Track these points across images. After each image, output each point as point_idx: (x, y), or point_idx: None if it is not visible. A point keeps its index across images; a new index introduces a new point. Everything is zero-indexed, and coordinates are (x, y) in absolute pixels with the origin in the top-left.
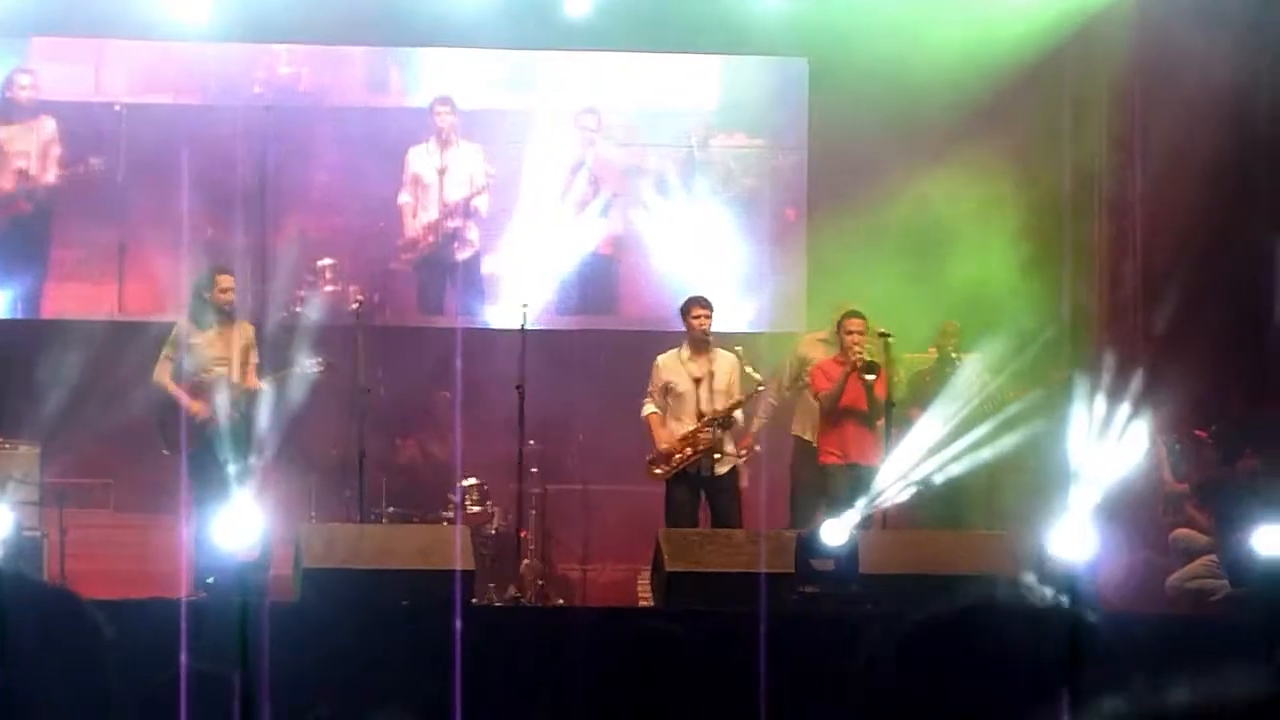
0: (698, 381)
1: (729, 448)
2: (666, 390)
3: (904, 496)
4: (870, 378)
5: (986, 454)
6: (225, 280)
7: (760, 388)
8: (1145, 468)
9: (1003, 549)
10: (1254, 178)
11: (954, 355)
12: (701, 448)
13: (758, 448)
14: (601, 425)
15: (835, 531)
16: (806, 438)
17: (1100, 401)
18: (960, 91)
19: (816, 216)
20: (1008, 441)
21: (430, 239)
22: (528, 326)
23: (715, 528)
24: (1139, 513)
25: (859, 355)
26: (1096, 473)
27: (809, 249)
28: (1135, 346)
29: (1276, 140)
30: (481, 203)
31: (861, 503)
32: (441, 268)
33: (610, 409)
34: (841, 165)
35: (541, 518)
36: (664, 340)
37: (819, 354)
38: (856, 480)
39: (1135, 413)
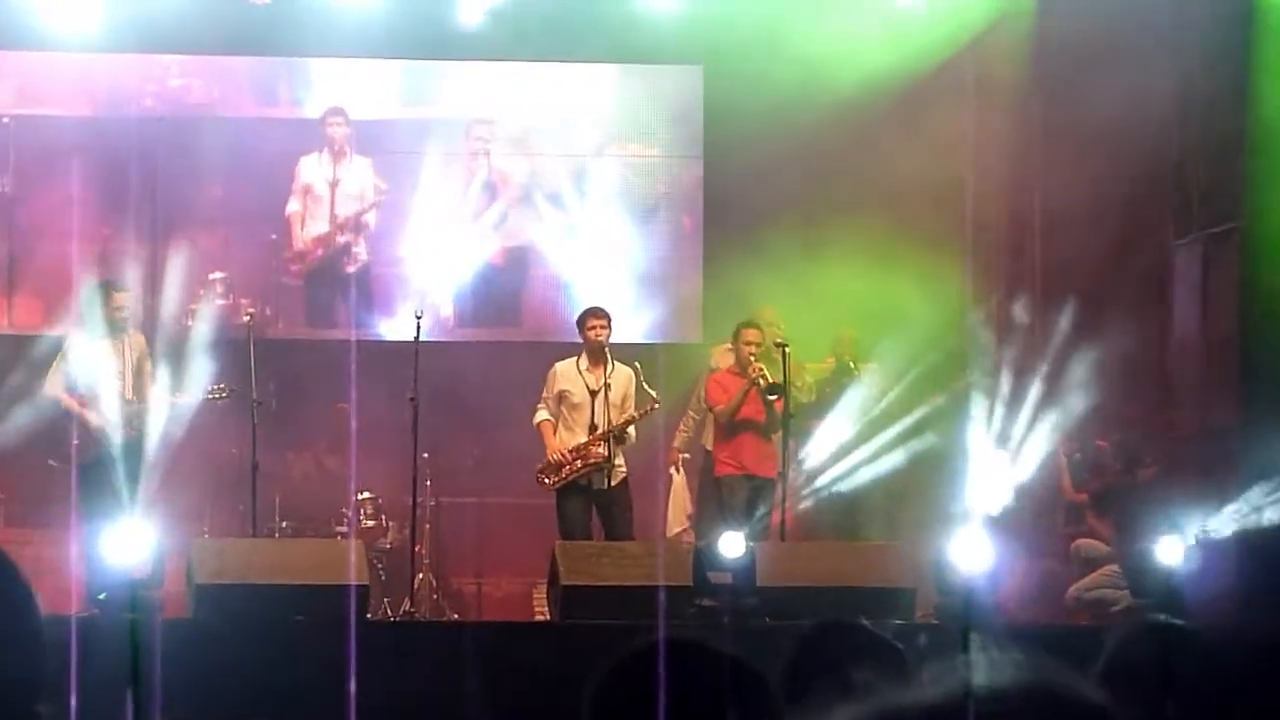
0: (594, 393)
1: (620, 462)
2: (561, 399)
3: (802, 507)
4: (773, 398)
5: (885, 464)
6: (120, 298)
7: (655, 405)
8: (1045, 476)
9: (901, 560)
10: (1158, 183)
11: (852, 364)
12: (592, 461)
13: (686, 456)
14: (497, 438)
15: (732, 544)
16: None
17: (999, 409)
18: (859, 97)
19: (713, 226)
20: (906, 451)
21: (320, 252)
22: (422, 339)
23: (608, 538)
24: (1039, 522)
25: (761, 374)
26: (995, 482)
27: (706, 258)
28: (1035, 354)
29: (1182, 147)
30: (372, 218)
31: (759, 514)
32: (332, 281)
33: (506, 421)
34: (738, 173)
35: (436, 531)
36: (563, 352)
37: (730, 363)
38: (754, 492)
39: (1034, 421)
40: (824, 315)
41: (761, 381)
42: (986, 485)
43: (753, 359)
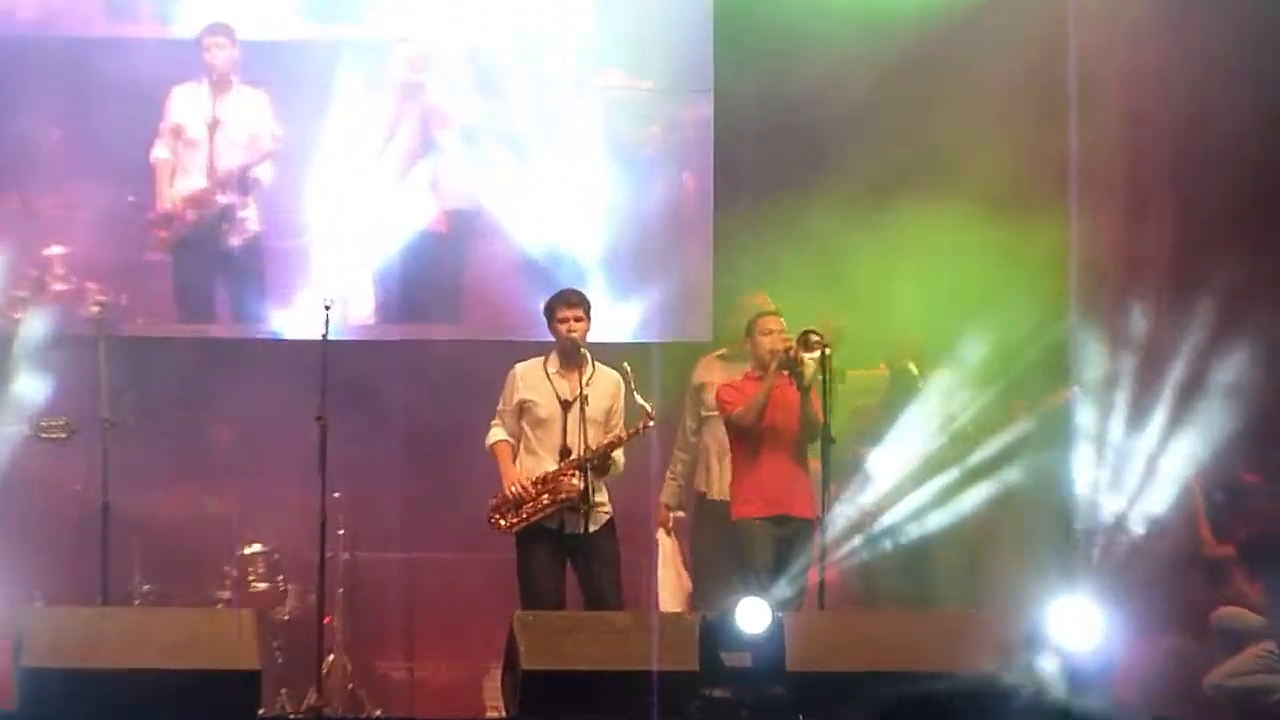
0: (567, 406)
1: (602, 499)
2: (523, 412)
3: (849, 563)
4: (810, 358)
5: (960, 504)
6: None
7: (650, 422)
8: (1176, 523)
9: (982, 635)
10: None
11: (914, 373)
12: (564, 497)
13: (679, 514)
14: (434, 470)
15: (754, 612)
16: (711, 494)
17: (1113, 434)
18: (926, 9)
19: (726, 185)
20: (988, 488)
21: (194, 216)
22: (332, 336)
23: (588, 607)
24: (1167, 584)
25: (787, 345)
26: (1109, 530)
27: (717, 229)
28: (1162, 358)
29: None
30: (265, 172)
31: (792, 571)
32: (210, 257)
33: (447, 447)
34: (759, 113)
35: (353, 597)
36: (524, 352)
37: (721, 378)
38: (785, 539)
39: (1161, 449)
40: (874, 307)
41: (789, 353)
42: (1096, 534)
43: (779, 348)
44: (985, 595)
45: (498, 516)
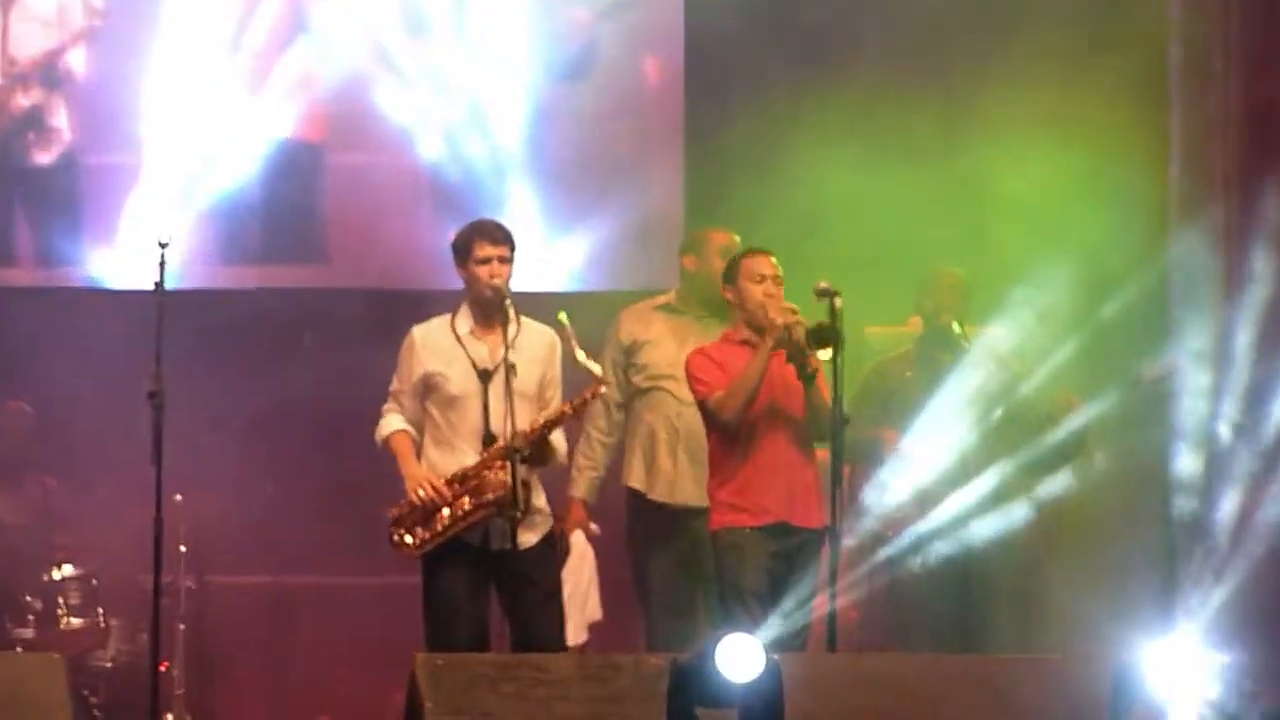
0: (487, 377)
1: (540, 502)
2: (429, 389)
3: (868, 587)
4: (824, 356)
5: (1019, 510)
6: None
7: (603, 388)
8: None
9: (1052, 682)
10: None
11: (956, 329)
12: (490, 498)
13: (594, 528)
14: (309, 465)
15: (742, 654)
16: (654, 494)
17: (1227, 410)
18: None
19: (699, 76)
20: (1057, 485)
21: None
22: (170, 285)
23: (518, 647)
24: None
25: (790, 318)
26: (1227, 539)
27: (689, 138)
28: None
29: None
30: (78, 61)
31: (794, 599)
32: (6, 178)
33: (325, 435)
34: None
35: (198, 637)
36: (421, 307)
37: (662, 335)
38: (783, 556)
39: None
40: (904, 244)
41: (794, 329)
42: (1207, 547)
43: (772, 303)
44: (1054, 631)
45: (403, 532)
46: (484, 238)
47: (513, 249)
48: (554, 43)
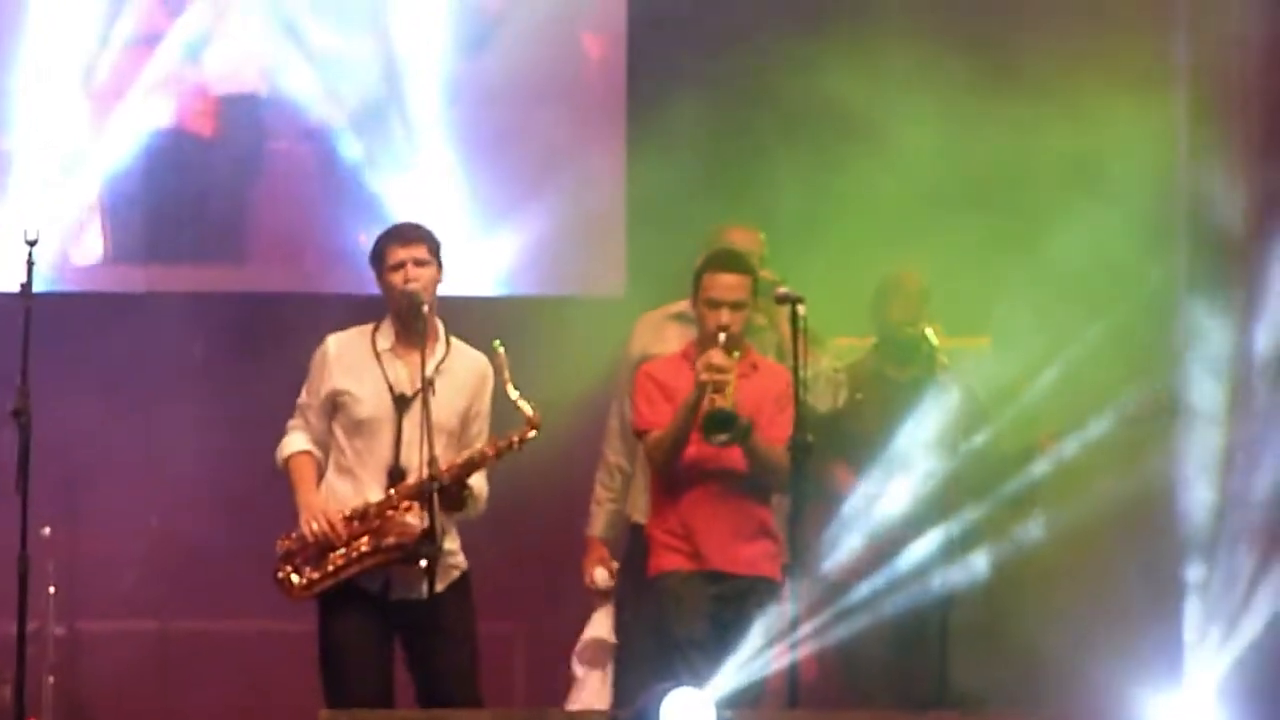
0: (403, 402)
1: (453, 546)
2: (336, 408)
3: (830, 635)
4: (720, 440)
5: (1005, 550)
6: None
7: (532, 430)
8: None
9: None
10: None
11: (930, 339)
12: (392, 542)
13: (614, 565)
14: (202, 493)
15: (689, 712)
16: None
17: (1250, 436)
18: None
19: (645, 62)
20: (1051, 519)
21: None
22: (40, 288)
23: (424, 703)
24: None
25: (714, 376)
26: (1240, 589)
27: (631, 129)
28: None
29: None
30: None
31: (746, 648)
32: None
33: (223, 459)
34: None
35: (69, 690)
36: (342, 315)
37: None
38: (726, 600)
39: None
40: (874, 245)
41: (710, 396)
42: (1221, 596)
43: (720, 333)
44: (1044, 687)
45: (289, 570)
46: (394, 240)
47: (433, 250)
48: (487, 18)
